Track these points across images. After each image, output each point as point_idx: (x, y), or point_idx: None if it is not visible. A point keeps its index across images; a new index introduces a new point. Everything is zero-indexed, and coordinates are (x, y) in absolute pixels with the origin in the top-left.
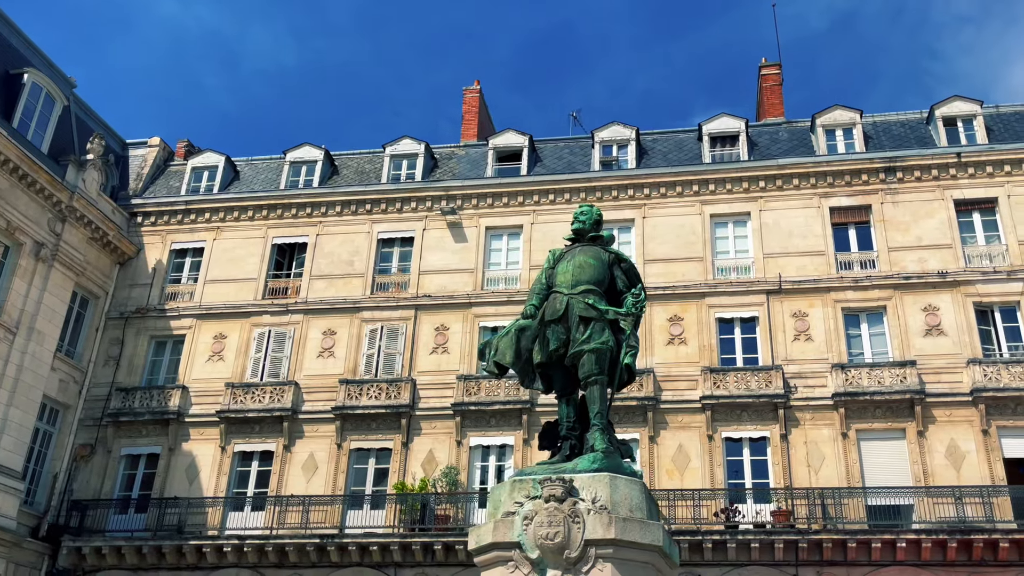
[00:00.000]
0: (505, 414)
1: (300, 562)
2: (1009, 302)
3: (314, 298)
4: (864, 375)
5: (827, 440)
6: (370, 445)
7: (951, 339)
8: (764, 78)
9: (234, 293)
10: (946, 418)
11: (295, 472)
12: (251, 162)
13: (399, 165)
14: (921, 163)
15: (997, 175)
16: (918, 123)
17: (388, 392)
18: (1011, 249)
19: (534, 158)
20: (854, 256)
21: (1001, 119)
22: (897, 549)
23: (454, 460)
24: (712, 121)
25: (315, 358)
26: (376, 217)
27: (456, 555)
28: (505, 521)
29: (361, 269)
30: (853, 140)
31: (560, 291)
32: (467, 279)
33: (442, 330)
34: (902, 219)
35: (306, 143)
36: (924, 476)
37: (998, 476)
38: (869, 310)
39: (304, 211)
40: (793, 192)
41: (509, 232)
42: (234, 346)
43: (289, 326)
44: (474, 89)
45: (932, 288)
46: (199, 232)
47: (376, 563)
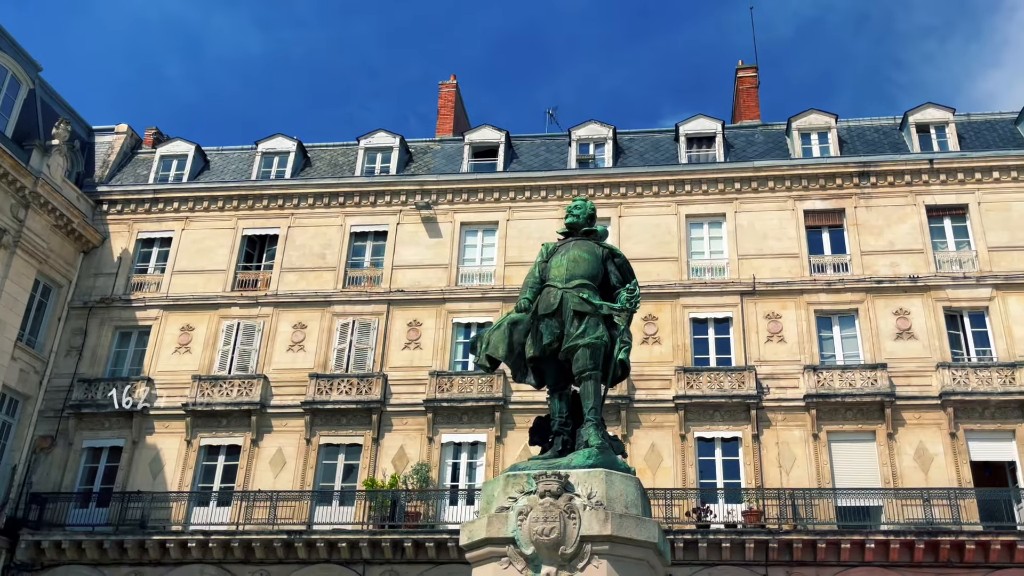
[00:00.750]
0: (478, 411)
1: (267, 559)
2: (978, 307)
3: (285, 291)
4: (836, 377)
5: (798, 441)
6: (340, 441)
7: (921, 343)
8: (741, 80)
9: (202, 284)
10: (915, 421)
11: (263, 467)
12: (221, 152)
13: (373, 158)
14: (894, 168)
15: (968, 182)
16: (891, 129)
17: (359, 387)
18: (980, 255)
19: (510, 154)
20: (827, 259)
21: (972, 127)
22: (866, 550)
23: (425, 457)
24: (689, 122)
25: (285, 352)
26: (349, 210)
27: (426, 553)
28: (499, 516)
29: (333, 262)
30: (828, 144)
31: (554, 285)
32: (441, 274)
33: (415, 325)
34: (875, 223)
35: (279, 134)
36: (893, 478)
37: (965, 479)
38: (841, 313)
39: (276, 203)
40: (768, 194)
41: (484, 228)
42: (202, 338)
43: (259, 319)
44: (450, 83)
45: (903, 292)
46: (167, 222)
47: (344, 560)
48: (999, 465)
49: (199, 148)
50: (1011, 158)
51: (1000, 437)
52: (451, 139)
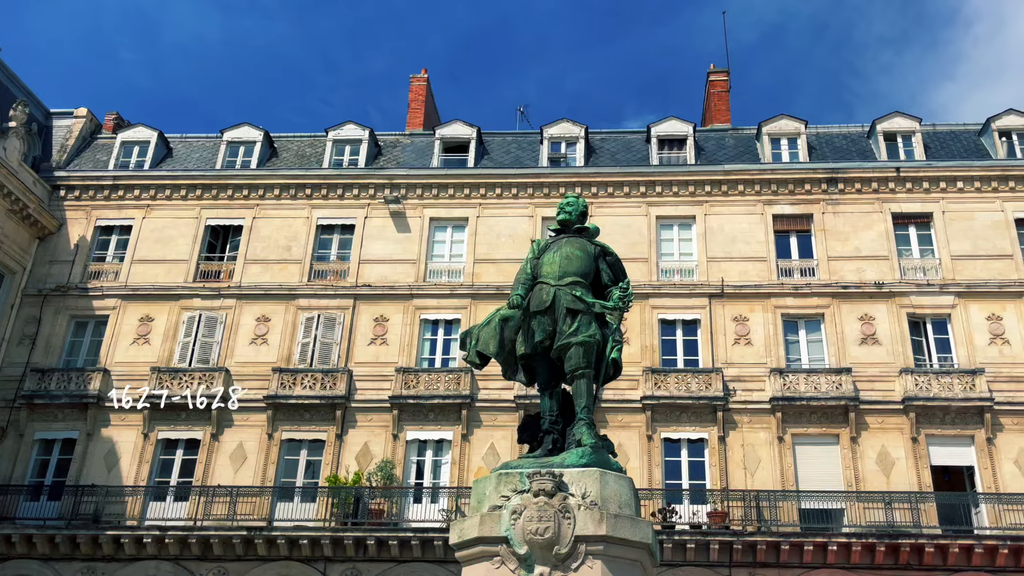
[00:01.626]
0: (444, 408)
1: (225, 555)
2: (941, 314)
3: (248, 283)
4: (801, 380)
5: (763, 443)
6: (303, 436)
7: (885, 348)
8: (712, 84)
9: (163, 274)
10: (878, 425)
11: (222, 462)
12: (185, 139)
13: (342, 151)
14: (862, 175)
15: (933, 191)
16: (859, 136)
17: (323, 382)
18: (944, 263)
19: (481, 151)
20: (795, 263)
21: (937, 137)
22: (828, 552)
23: (390, 454)
24: (660, 124)
25: (247, 345)
26: (316, 202)
27: (389, 551)
28: (492, 515)
29: (299, 255)
30: (797, 150)
31: (546, 282)
32: (409, 270)
33: (381, 321)
34: (842, 229)
35: (245, 123)
36: (856, 481)
37: (925, 483)
38: (807, 317)
39: (241, 193)
40: (738, 198)
41: (454, 224)
42: (161, 329)
43: (221, 311)
44: (421, 78)
45: (868, 298)
46: (127, 209)
47: (305, 557)
48: (957, 470)
49: (162, 135)
50: (975, 168)
51: (960, 443)
52: (421, 133)
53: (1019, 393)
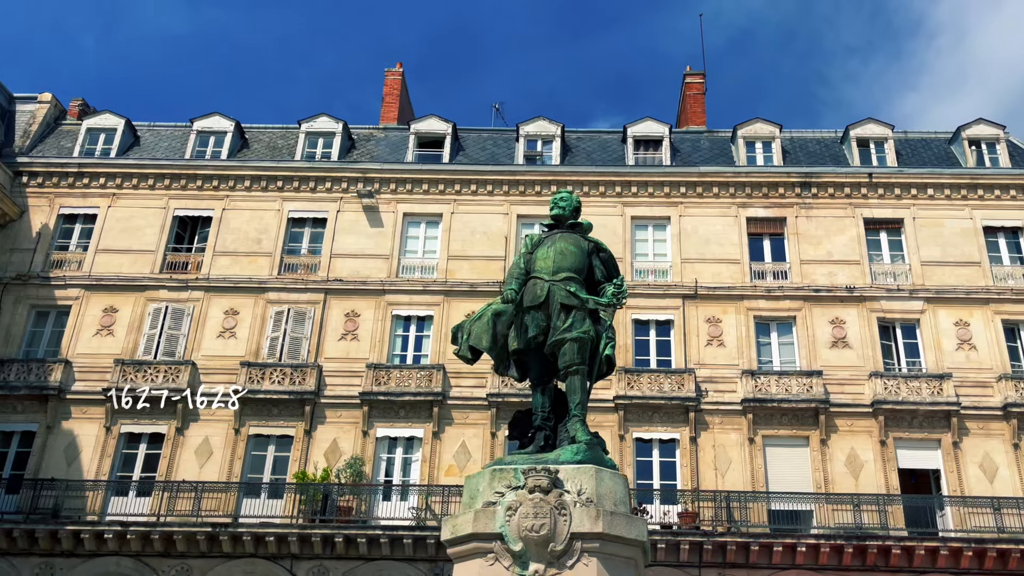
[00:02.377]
0: (415, 406)
1: (188, 552)
2: (910, 319)
3: (217, 275)
4: (773, 383)
5: (735, 444)
6: (270, 432)
7: (855, 352)
8: (688, 86)
9: (128, 265)
10: (847, 428)
11: (187, 457)
12: (153, 128)
13: (315, 143)
14: (835, 180)
15: (905, 197)
16: (833, 142)
17: (292, 377)
18: (914, 269)
19: (456, 147)
20: (767, 266)
21: (909, 144)
22: (797, 553)
23: (359, 451)
24: (637, 124)
25: (215, 338)
26: (288, 195)
27: (357, 548)
28: (486, 511)
29: (269, 248)
30: (772, 153)
31: (540, 277)
32: (381, 265)
33: (352, 316)
34: (814, 233)
35: (216, 113)
36: (825, 483)
37: (893, 485)
38: (779, 320)
39: (210, 183)
40: (712, 200)
41: (428, 220)
42: (126, 321)
43: (188, 303)
44: (396, 71)
45: (840, 302)
46: (92, 198)
47: (271, 555)
48: (924, 473)
49: (129, 123)
50: (945, 176)
51: (927, 446)
52: (396, 128)
53: (985, 398)
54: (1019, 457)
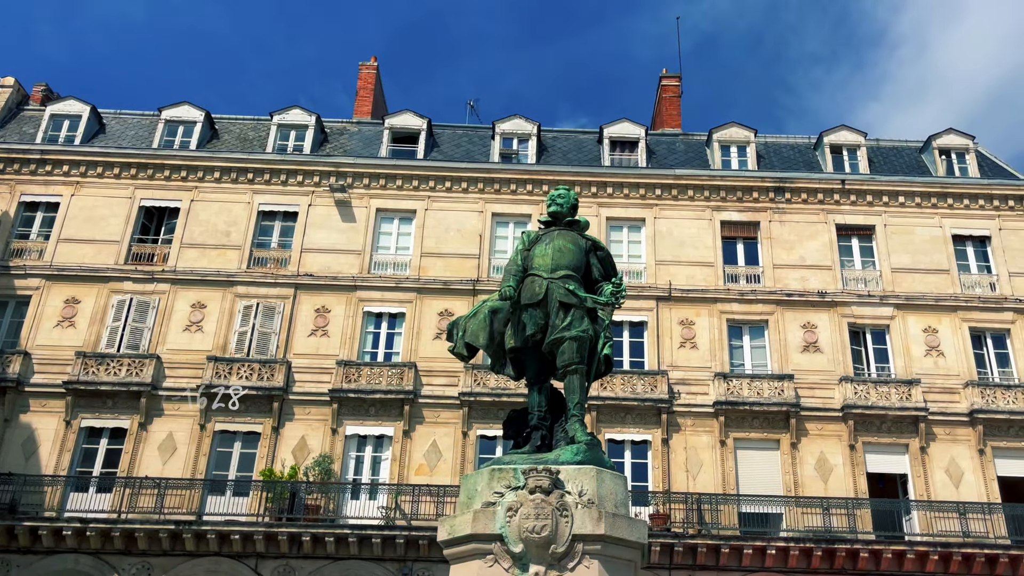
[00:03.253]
0: (386, 404)
1: (150, 550)
2: (880, 325)
3: (184, 267)
4: (745, 386)
5: (706, 447)
6: (237, 428)
7: (826, 356)
8: (664, 89)
9: (92, 255)
10: (817, 432)
11: (150, 452)
12: (119, 116)
13: (286, 135)
14: (808, 186)
15: (876, 204)
16: (806, 148)
17: (260, 373)
18: (884, 276)
19: (431, 143)
20: (741, 270)
21: (881, 152)
22: (767, 555)
23: (328, 448)
24: (613, 125)
25: (181, 332)
26: (258, 188)
27: (324, 547)
28: (485, 512)
29: (238, 241)
30: (746, 158)
31: (538, 274)
32: (353, 261)
33: (323, 312)
34: (788, 238)
35: (185, 102)
36: (795, 486)
37: (861, 489)
38: (752, 323)
39: (178, 174)
40: (687, 203)
41: (401, 216)
42: (88, 312)
43: (154, 295)
44: (371, 65)
45: (811, 307)
46: (55, 185)
47: (236, 553)
48: (891, 477)
49: (95, 110)
50: (916, 184)
51: (895, 451)
52: (370, 122)
53: (952, 404)
54: (984, 463)
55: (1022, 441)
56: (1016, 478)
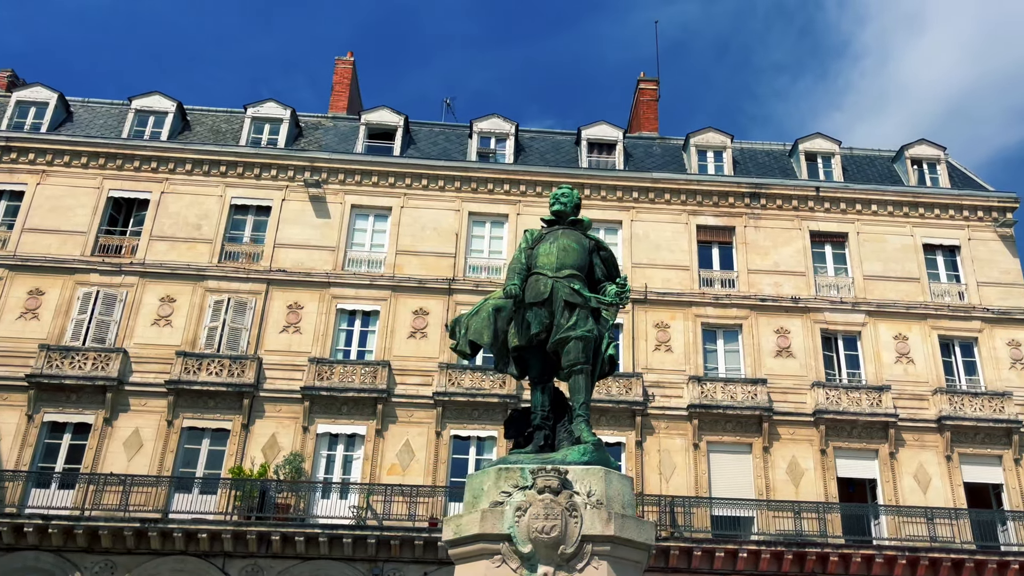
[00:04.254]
0: (358, 402)
1: (114, 548)
2: (851, 331)
3: (153, 260)
4: (718, 389)
5: (679, 449)
6: (206, 425)
7: (799, 361)
8: (641, 92)
9: (57, 246)
10: (789, 436)
11: (115, 448)
12: (88, 104)
13: (261, 129)
14: (783, 192)
15: (849, 212)
16: (782, 154)
17: (231, 369)
18: (857, 283)
19: (407, 140)
20: (716, 274)
21: (854, 160)
22: (738, 559)
23: (299, 447)
24: (591, 127)
25: (149, 326)
26: (231, 181)
27: (294, 547)
28: (493, 511)
29: (209, 235)
30: (723, 163)
31: (543, 273)
32: (327, 257)
33: (295, 308)
34: (762, 243)
35: (156, 92)
36: (766, 490)
37: (831, 494)
38: (726, 327)
39: (148, 165)
40: (664, 206)
41: (376, 213)
42: (53, 304)
43: (121, 288)
44: (347, 60)
45: (785, 312)
46: (20, 174)
47: (203, 552)
48: (860, 482)
49: (62, 97)
50: (889, 193)
51: (865, 456)
52: (345, 117)
53: (921, 411)
54: (951, 469)
55: (987, 448)
56: (981, 484)
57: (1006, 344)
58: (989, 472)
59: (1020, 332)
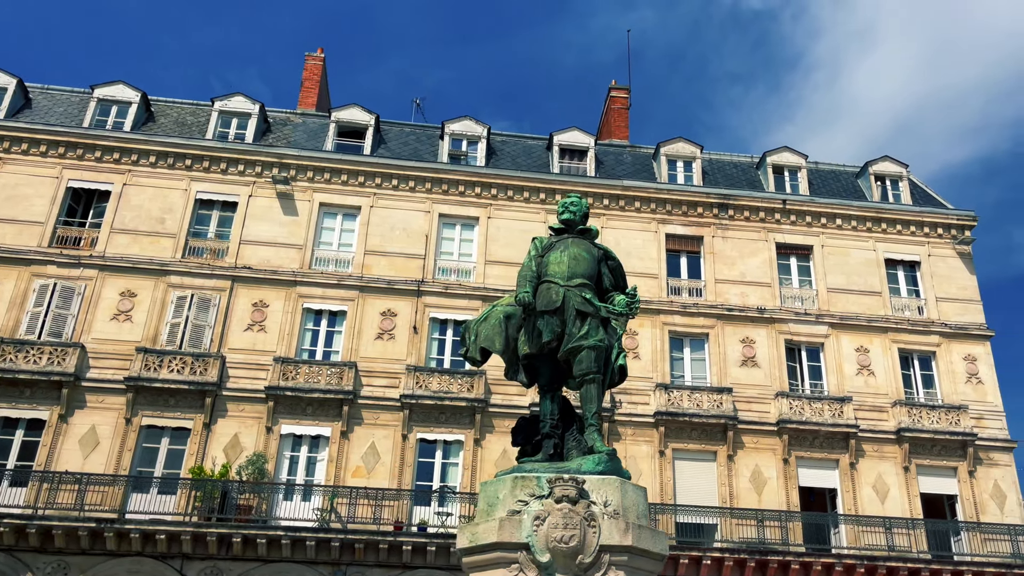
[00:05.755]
0: (324, 403)
1: (67, 548)
2: (815, 343)
3: (114, 253)
4: (685, 397)
5: (646, 456)
6: (166, 423)
7: (763, 371)
8: (612, 100)
9: (13, 236)
10: (753, 445)
11: (71, 446)
12: (47, 91)
13: (228, 123)
14: (751, 204)
15: (815, 225)
16: (749, 166)
17: (193, 367)
18: (820, 295)
19: (378, 139)
20: (684, 283)
21: (820, 174)
22: (702, 566)
23: (262, 447)
24: (563, 133)
25: (109, 320)
26: (196, 175)
27: (255, 549)
28: (512, 520)
29: (173, 229)
30: (692, 173)
31: (554, 282)
32: (294, 255)
33: (260, 306)
34: (730, 254)
35: (120, 81)
36: (730, 498)
37: (793, 502)
38: (693, 336)
39: (111, 156)
40: (634, 214)
41: (345, 212)
42: (7, 296)
43: (80, 281)
44: (317, 56)
45: (750, 322)
46: None
47: (161, 553)
48: (821, 491)
49: (21, 83)
50: (853, 208)
51: (826, 466)
52: (315, 114)
53: (880, 422)
54: (908, 480)
55: (943, 460)
56: (936, 495)
57: (962, 359)
58: (944, 483)
59: (976, 347)
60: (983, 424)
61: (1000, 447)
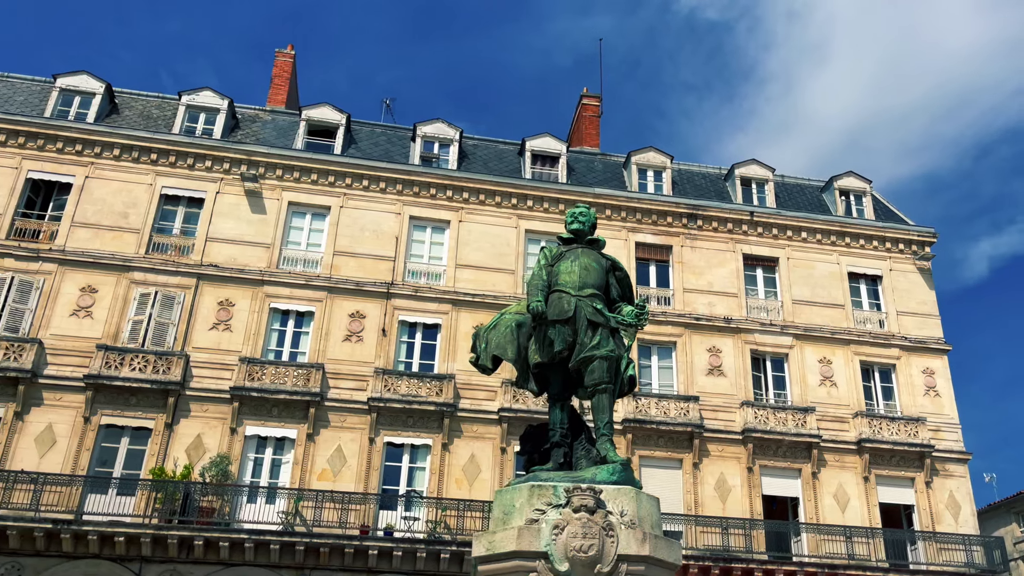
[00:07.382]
0: (290, 405)
1: (22, 549)
2: (779, 353)
3: (74, 248)
4: (652, 405)
5: None
6: (126, 423)
7: (729, 380)
8: (584, 107)
9: None
10: (718, 453)
11: (26, 444)
12: (7, 79)
13: (195, 118)
14: (719, 215)
15: (781, 238)
16: (717, 178)
17: (156, 365)
18: (785, 306)
19: (349, 139)
20: (653, 291)
21: (786, 188)
22: None
23: (226, 448)
24: (536, 139)
25: (68, 316)
26: (162, 169)
27: (218, 552)
28: (530, 528)
29: (137, 224)
30: (662, 183)
31: (566, 291)
32: (261, 254)
33: (226, 305)
34: (698, 264)
35: (84, 71)
36: (695, 505)
37: (757, 510)
38: (661, 344)
39: (73, 147)
40: (605, 222)
41: (314, 212)
42: None
43: (38, 275)
44: (287, 53)
45: (717, 331)
46: None
47: (119, 556)
48: (783, 500)
49: None
50: (818, 222)
51: (788, 475)
52: (285, 112)
53: (842, 432)
54: (868, 490)
55: (902, 470)
56: (894, 504)
57: (921, 372)
58: (902, 493)
59: (934, 361)
60: (940, 436)
61: (956, 459)
